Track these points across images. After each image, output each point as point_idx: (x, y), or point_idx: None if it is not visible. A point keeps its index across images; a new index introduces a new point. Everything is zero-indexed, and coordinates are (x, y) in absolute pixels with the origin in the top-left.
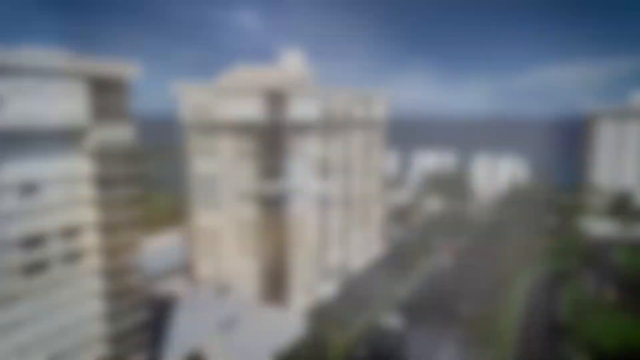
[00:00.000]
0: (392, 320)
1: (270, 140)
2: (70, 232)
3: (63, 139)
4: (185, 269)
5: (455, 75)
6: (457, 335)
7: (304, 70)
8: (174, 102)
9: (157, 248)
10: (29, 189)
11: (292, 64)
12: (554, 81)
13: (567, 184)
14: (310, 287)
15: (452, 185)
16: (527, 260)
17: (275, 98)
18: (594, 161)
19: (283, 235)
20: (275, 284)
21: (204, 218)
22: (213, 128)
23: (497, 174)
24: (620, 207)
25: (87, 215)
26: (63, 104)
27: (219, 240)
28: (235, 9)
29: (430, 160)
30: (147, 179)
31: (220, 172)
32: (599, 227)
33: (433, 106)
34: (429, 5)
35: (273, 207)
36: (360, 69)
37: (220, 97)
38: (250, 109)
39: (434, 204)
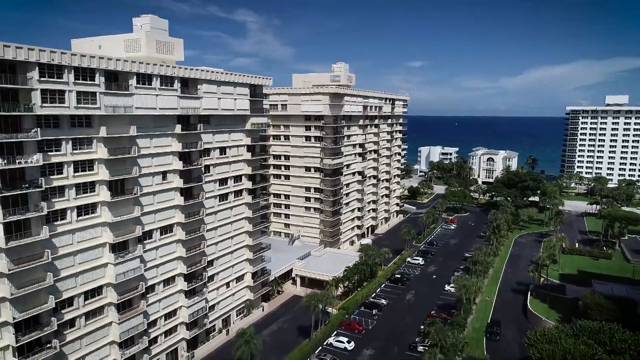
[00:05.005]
0: (416, 258)
1: (329, 129)
2: (237, 178)
3: (236, 121)
4: None
5: None
6: (462, 268)
7: (349, 76)
8: None
9: None
10: (222, 150)
11: (340, 72)
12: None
13: (551, 169)
14: (353, 240)
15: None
16: (517, 226)
17: (334, 98)
18: (574, 152)
19: (336, 199)
20: (329, 235)
21: (280, 185)
22: (287, 119)
23: (493, 163)
24: (593, 190)
25: (243, 167)
26: (239, 101)
27: (290, 201)
28: None
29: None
30: None
31: (292, 151)
32: (576, 204)
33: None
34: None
35: (331, 177)
36: None
37: (293, 96)
38: (316, 106)
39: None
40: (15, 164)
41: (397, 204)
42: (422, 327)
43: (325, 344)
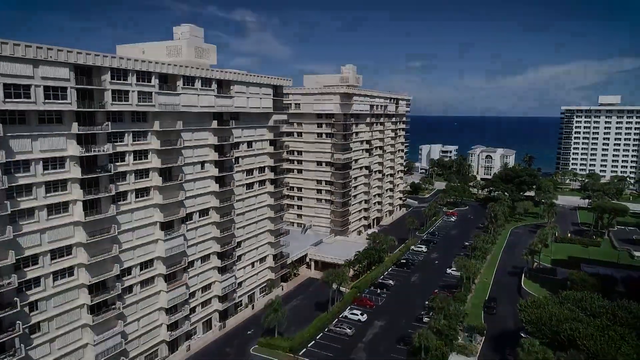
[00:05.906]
0: (420, 246)
1: (340, 126)
2: (261, 169)
3: (261, 118)
4: None
5: None
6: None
7: (357, 77)
8: None
9: None
10: (249, 144)
11: (348, 73)
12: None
13: (548, 168)
14: (360, 230)
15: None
16: (513, 218)
17: (344, 98)
18: (569, 150)
19: (345, 190)
20: (339, 224)
21: (293, 178)
22: (300, 117)
23: (491, 160)
24: (587, 186)
25: (266, 160)
26: (264, 100)
27: (303, 193)
28: None
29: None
30: None
31: (305, 146)
32: (569, 199)
33: None
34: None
35: (341, 171)
36: None
37: (306, 96)
38: (328, 105)
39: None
40: (91, 152)
41: (401, 198)
42: (426, 302)
43: (341, 316)
